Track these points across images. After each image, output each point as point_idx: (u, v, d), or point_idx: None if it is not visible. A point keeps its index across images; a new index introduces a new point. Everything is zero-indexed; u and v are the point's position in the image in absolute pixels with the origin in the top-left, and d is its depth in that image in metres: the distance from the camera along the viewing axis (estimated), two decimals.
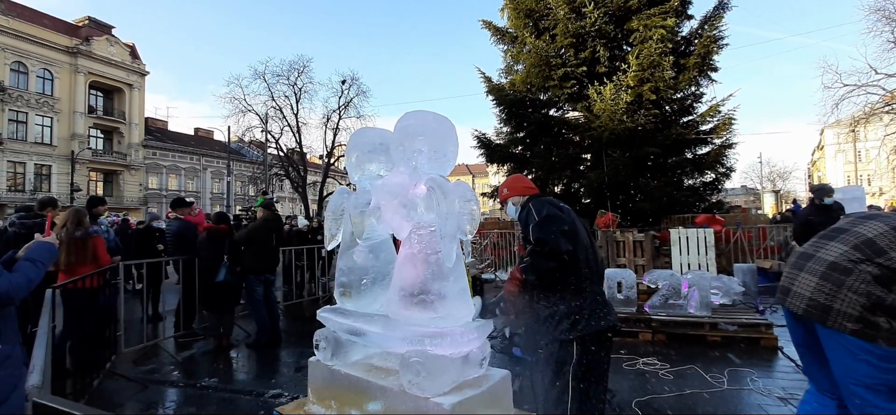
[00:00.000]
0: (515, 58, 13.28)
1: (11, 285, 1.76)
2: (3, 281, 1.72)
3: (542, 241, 2.08)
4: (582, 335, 2.10)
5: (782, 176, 48.69)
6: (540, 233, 2.12)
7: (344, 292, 2.55)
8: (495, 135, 13.85)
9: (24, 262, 1.90)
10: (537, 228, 2.13)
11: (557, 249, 2.08)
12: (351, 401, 2.30)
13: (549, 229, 2.13)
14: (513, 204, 2.56)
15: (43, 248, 2.01)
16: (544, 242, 2.08)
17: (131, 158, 34.14)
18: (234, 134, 27.07)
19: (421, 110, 2.29)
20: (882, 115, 18.73)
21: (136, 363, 4.69)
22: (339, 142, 28.89)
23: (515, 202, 2.54)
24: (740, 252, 9.55)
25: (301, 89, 27.96)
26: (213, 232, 5.50)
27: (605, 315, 2.19)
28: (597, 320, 2.14)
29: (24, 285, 1.81)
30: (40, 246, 2.01)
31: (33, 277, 1.87)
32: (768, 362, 4.39)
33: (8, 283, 1.74)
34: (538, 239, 2.10)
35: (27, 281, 1.83)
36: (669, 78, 11.04)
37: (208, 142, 41.75)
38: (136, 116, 34.80)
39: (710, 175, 12.36)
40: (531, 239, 2.12)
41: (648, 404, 3.43)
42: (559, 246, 2.08)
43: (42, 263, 1.95)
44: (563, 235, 2.11)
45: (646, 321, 5.23)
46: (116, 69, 33.34)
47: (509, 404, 2.28)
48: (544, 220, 2.16)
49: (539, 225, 2.15)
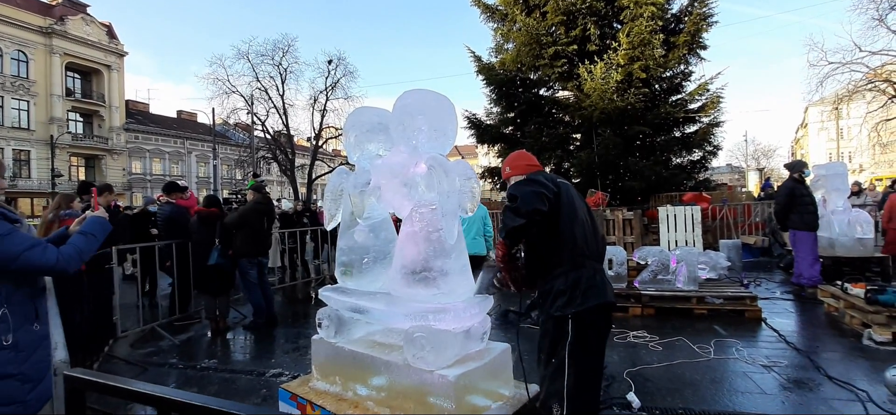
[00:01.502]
0: (506, 36, 13.18)
1: (62, 257, 1.77)
2: (51, 254, 1.74)
3: (512, 197, 2.05)
4: (578, 312, 2.07)
5: (766, 154, 49.50)
6: (513, 190, 2.10)
7: (345, 272, 2.58)
8: (485, 115, 13.82)
9: (77, 235, 1.91)
10: (512, 187, 2.12)
11: (523, 208, 2.02)
12: (355, 376, 2.35)
13: (523, 189, 2.09)
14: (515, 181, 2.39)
15: (95, 222, 2.01)
16: (514, 197, 2.05)
17: (113, 142, 33.33)
18: (218, 116, 26.54)
19: (420, 89, 2.29)
20: (865, 92, 19.08)
21: (133, 347, 4.70)
22: (326, 124, 28.57)
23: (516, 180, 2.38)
24: (726, 228, 9.79)
25: (286, 70, 27.49)
26: (205, 215, 5.46)
27: (601, 292, 2.13)
28: (593, 297, 2.10)
29: (75, 257, 1.83)
30: (93, 220, 2.01)
31: (84, 249, 1.89)
32: (752, 332, 4.56)
33: (57, 256, 1.76)
34: (509, 195, 2.08)
35: (78, 253, 1.84)
36: (659, 56, 11.09)
37: (192, 124, 40.86)
38: (115, 98, 33.84)
39: (698, 153, 12.54)
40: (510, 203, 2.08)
41: (639, 374, 3.56)
42: (528, 204, 2.03)
43: (94, 236, 1.96)
44: (537, 197, 2.06)
45: (636, 296, 5.38)
46: (93, 50, 32.25)
47: (509, 376, 2.36)
48: (522, 181, 2.13)
49: (515, 184, 2.14)
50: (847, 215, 6.73)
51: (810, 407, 2.94)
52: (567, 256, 2.14)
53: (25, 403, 1.68)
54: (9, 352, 1.65)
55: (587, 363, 2.11)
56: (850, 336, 4.29)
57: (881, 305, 4.12)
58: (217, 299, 5.34)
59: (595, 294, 2.10)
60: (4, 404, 1.63)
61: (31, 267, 1.70)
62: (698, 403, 3.07)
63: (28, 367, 1.71)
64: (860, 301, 4.33)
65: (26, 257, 1.67)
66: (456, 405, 1.97)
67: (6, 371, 1.64)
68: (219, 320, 5.34)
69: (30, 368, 1.71)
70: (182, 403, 0.71)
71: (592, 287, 2.11)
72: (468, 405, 2.04)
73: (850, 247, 6.64)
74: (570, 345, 2.06)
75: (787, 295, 6.12)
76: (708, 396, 3.19)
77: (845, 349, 3.99)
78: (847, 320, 4.61)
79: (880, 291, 4.22)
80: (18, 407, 1.66)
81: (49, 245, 1.76)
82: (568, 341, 2.06)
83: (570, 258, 2.14)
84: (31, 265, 1.69)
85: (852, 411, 2.85)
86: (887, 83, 18.24)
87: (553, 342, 2.11)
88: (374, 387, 2.27)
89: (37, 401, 1.74)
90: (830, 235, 6.62)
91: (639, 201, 11.55)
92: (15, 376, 1.66)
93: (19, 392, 1.67)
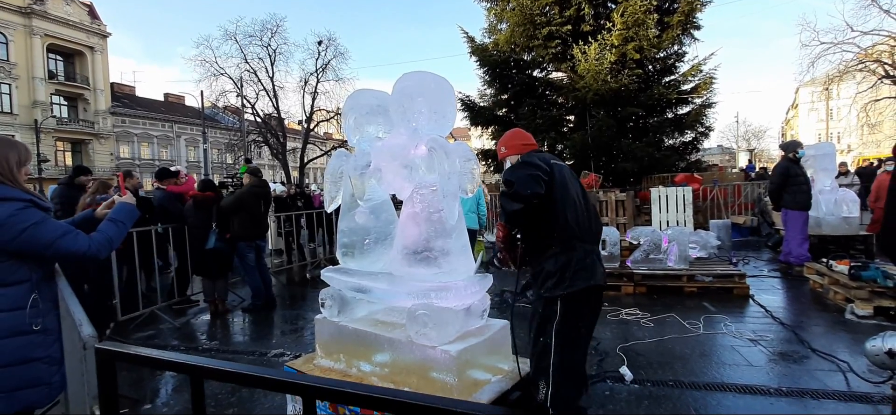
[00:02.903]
0: (499, 16, 13.07)
1: (93, 244, 1.81)
2: (82, 241, 1.77)
3: (508, 182, 2.08)
4: (567, 294, 2.08)
5: (757, 135, 49.88)
6: (508, 175, 2.12)
7: (346, 253, 2.62)
8: (479, 97, 13.78)
9: (106, 222, 1.93)
10: (508, 171, 2.15)
11: (522, 192, 2.04)
12: (359, 353, 2.42)
13: (518, 173, 2.11)
14: (510, 163, 2.42)
15: (124, 208, 2.03)
16: (510, 183, 2.08)
17: (99, 126, 32.69)
18: (207, 99, 26.13)
19: (419, 71, 2.31)
20: (855, 72, 19.25)
21: (133, 330, 4.73)
22: (318, 106, 28.26)
23: (513, 161, 2.41)
24: (716, 209, 9.95)
25: (275, 51, 27.05)
26: (200, 200, 5.45)
27: (591, 275, 2.14)
28: (583, 280, 2.10)
29: (105, 244, 1.86)
30: (122, 206, 2.03)
31: (114, 236, 1.91)
32: (740, 308, 4.70)
33: (88, 243, 1.79)
34: (506, 181, 2.11)
35: (107, 240, 1.87)
36: (653, 36, 11.09)
37: (180, 108, 40.16)
38: (100, 81, 33.07)
39: (690, 134, 12.66)
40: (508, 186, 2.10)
41: (631, 349, 3.68)
42: (525, 188, 2.04)
43: (123, 223, 1.98)
44: (533, 180, 2.07)
45: (628, 275, 5.50)
46: (75, 31, 31.36)
47: (508, 352, 2.44)
48: (518, 164, 2.16)
49: (510, 169, 2.17)
50: (834, 195, 6.89)
51: (795, 378, 3.08)
52: (558, 238, 2.15)
53: (51, 385, 1.75)
54: (39, 335, 1.70)
55: (574, 344, 2.14)
56: (833, 311, 4.45)
57: (864, 281, 4.26)
58: (215, 283, 5.37)
59: (584, 277, 2.11)
60: (33, 386, 1.68)
61: (64, 254, 1.73)
62: (688, 376, 3.20)
63: (55, 350, 1.76)
64: (844, 277, 4.48)
65: (60, 244, 1.70)
66: (458, 380, 2.04)
67: (35, 355, 1.69)
68: (217, 302, 5.38)
69: (57, 351, 1.77)
70: (217, 370, 0.75)
71: (582, 270, 2.12)
72: (469, 379, 2.12)
73: (835, 225, 6.81)
74: (557, 325, 2.09)
75: (774, 273, 6.28)
76: (697, 369, 3.32)
77: (829, 323, 4.14)
78: (831, 295, 4.77)
79: (863, 268, 4.37)
80: (45, 390, 1.72)
81: (80, 232, 1.79)
82: (555, 322, 2.09)
83: (561, 240, 2.15)
84: (64, 252, 1.72)
85: (834, 381, 2.99)
86: (877, 63, 18.40)
87: (542, 322, 2.14)
88: (378, 363, 2.34)
89: (61, 383, 1.80)
90: (817, 214, 6.77)
91: (631, 183, 11.69)
92: (43, 359, 1.71)
93: (47, 374, 1.73)
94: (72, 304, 1.46)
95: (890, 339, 2.31)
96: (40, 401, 1.73)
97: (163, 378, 3.59)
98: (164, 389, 3.44)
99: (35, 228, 1.66)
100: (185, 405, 3.12)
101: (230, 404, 3.05)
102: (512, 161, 2.43)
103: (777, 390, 2.89)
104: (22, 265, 1.69)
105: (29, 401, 1.69)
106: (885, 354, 2.27)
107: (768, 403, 2.77)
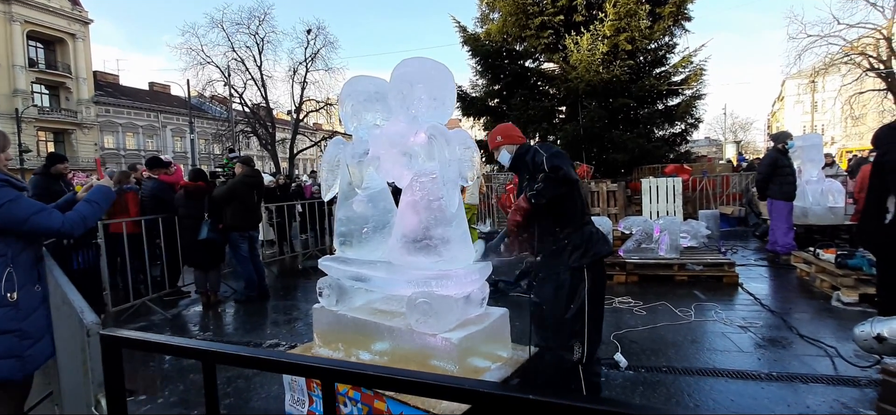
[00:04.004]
0: (491, 5, 12.98)
1: (66, 222, 1.91)
2: (56, 218, 1.87)
3: (557, 168, 2.28)
4: (591, 262, 2.35)
5: (744, 127, 50.52)
6: (556, 161, 2.31)
7: (344, 242, 2.61)
8: (471, 87, 13.71)
9: (82, 202, 2.04)
10: (553, 157, 2.33)
11: (570, 175, 2.31)
12: (358, 342, 2.41)
13: (563, 159, 2.35)
14: (507, 151, 2.57)
15: (101, 190, 2.13)
16: (559, 168, 2.28)
17: (82, 116, 31.92)
18: (193, 88, 25.67)
19: (418, 57, 2.29)
20: (840, 65, 19.55)
21: (124, 322, 4.67)
22: (307, 96, 27.93)
23: (510, 150, 2.57)
24: (705, 199, 10.09)
25: (263, 39, 26.60)
26: (191, 190, 5.37)
27: (605, 243, 2.47)
28: (599, 247, 2.40)
29: (79, 223, 1.96)
30: (98, 188, 2.13)
31: (88, 215, 2.01)
32: (730, 296, 4.79)
33: (62, 220, 1.89)
34: (554, 166, 2.29)
35: (81, 219, 1.97)
36: (645, 28, 11.11)
37: (166, 97, 39.36)
38: (82, 69, 32.22)
39: (680, 126, 12.75)
40: (545, 168, 2.30)
41: (625, 336, 3.73)
42: (571, 174, 2.32)
43: (97, 203, 2.07)
44: (571, 167, 2.35)
45: (621, 264, 5.56)
46: (55, 17, 30.46)
47: (508, 339, 2.46)
48: (557, 153, 2.37)
49: (554, 155, 2.35)
50: (820, 185, 7.01)
51: (784, 363, 3.15)
52: (578, 216, 2.42)
53: (23, 358, 1.83)
54: (10, 309, 1.79)
55: (600, 303, 2.46)
56: (820, 298, 4.55)
57: (850, 269, 4.37)
58: (207, 274, 5.31)
59: (601, 245, 2.43)
60: (4, 357, 1.78)
61: (38, 229, 1.83)
62: (681, 362, 3.25)
63: (27, 324, 1.85)
64: (830, 266, 4.58)
65: (34, 221, 1.80)
66: (458, 367, 2.05)
67: (7, 327, 1.78)
68: (210, 294, 5.32)
69: (29, 325, 1.85)
70: (231, 355, 0.74)
71: (599, 240, 2.43)
72: (470, 367, 2.13)
73: (822, 215, 6.94)
74: (588, 290, 2.33)
75: (761, 261, 6.40)
76: (689, 355, 3.38)
77: (815, 310, 4.24)
78: (818, 283, 4.87)
79: (849, 256, 4.47)
80: (17, 362, 1.82)
81: (54, 210, 1.88)
82: (586, 287, 2.34)
83: (579, 218, 2.42)
84: (38, 228, 1.82)
85: (822, 365, 3.07)
86: (863, 56, 18.70)
87: (571, 291, 2.34)
88: (377, 352, 2.34)
89: (34, 358, 1.89)
90: (804, 204, 6.90)
91: (622, 173, 11.77)
92: (14, 332, 1.81)
93: (18, 347, 1.82)
94: (70, 292, 1.43)
95: (878, 324, 2.38)
96: (11, 373, 1.81)
97: (155, 368, 3.55)
98: (157, 379, 3.41)
99: (10, 204, 1.75)
100: (180, 395, 3.10)
101: (226, 395, 3.03)
102: (509, 150, 2.57)
103: (768, 375, 2.96)
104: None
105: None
106: (874, 338, 2.33)
107: (759, 388, 2.84)
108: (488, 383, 0.64)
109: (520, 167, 2.52)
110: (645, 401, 2.76)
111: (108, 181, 2.19)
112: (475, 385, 0.61)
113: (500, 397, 0.58)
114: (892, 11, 17.67)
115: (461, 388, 0.60)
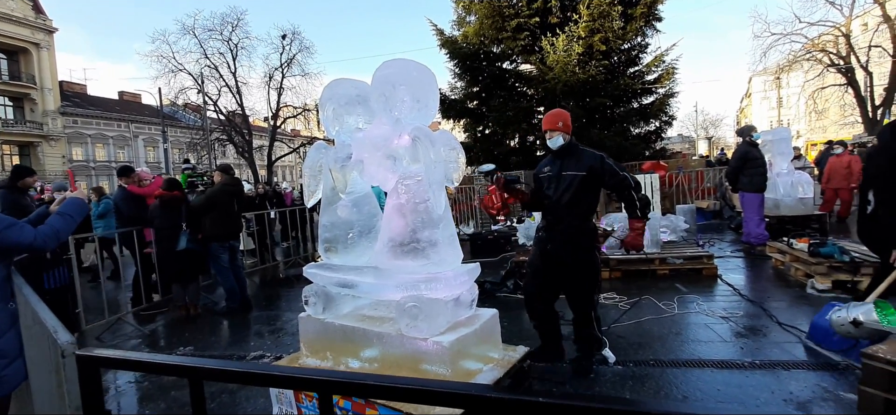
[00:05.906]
0: (467, 8, 13.06)
1: (39, 236, 1.83)
2: (28, 232, 1.80)
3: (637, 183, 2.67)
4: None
5: (714, 123, 52.05)
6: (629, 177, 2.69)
7: (329, 248, 2.56)
8: (450, 90, 13.75)
9: (54, 215, 1.95)
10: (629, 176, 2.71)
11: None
12: (346, 350, 2.36)
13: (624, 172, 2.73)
14: (562, 137, 2.88)
15: (73, 203, 2.07)
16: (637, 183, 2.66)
17: (49, 128, 30.68)
18: (165, 96, 24.93)
19: (400, 59, 2.27)
20: (803, 62, 20.35)
21: (100, 339, 4.47)
22: (284, 102, 27.49)
23: (565, 138, 2.89)
24: (681, 194, 10.33)
25: (237, 45, 26.08)
26: (167, 199, 5.19)
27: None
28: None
29: (52, 236, 1.88)
30: (71, 201, 2.07)
31: (61, 229, 1.93)
32: (710, 288, 4.90)
33: (34, 234, 1.81)
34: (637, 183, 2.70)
35: (54, 232, 1.89)
36: (618, 28, 11.35)
37: (137, 106, 38.19)
38: (48, 79, 30.99)
39: (654, 124, 13.06)
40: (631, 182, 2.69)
41: (611, 332, 3.77)
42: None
43: (71, 216, 2.00)
44: None
45: (604, 261, 5.62)
46: (17, 26, 29.23)
47: (498, 341, 2.44)
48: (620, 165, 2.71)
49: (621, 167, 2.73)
50: (790, 177, 7.26)
51: (765, 351, 3.23)
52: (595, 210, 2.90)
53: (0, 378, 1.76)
54: None
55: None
56: (795, 286, 4.70)
57: (823, 257, 4.52)
58: (187, 286, 5.15)
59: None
60: None
61: (9, 244, 1.77)
62: (667, 354, 3.30)
63: (2, 343, 1.77)
64: (804, 254, 4.73)
65: (5, 235, 1.73)
66: (451, 370, 2.03)
67: None
68: (190, 306, 5.15)
69: (5, 344, 1.77)
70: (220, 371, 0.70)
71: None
72: (462, 370, 2.11)
73: (792, 206, 7.19)
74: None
75: (737, 253, 6.58)
76: (674, 347, 3.44)
77: (791, 298, 4.37)
78: (792, 272, 5.03)
79: (821, 245, 4.63)
80: None
81: (26, 224, 1.81)
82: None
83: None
84: (9, 243, 1.75)
85: (801, 351, 3.16)
86: (823, 53, 19.51)
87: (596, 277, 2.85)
88: (367, 359, 2.30)
89: (9, 379, 1.80)
90: (775, 196, 7.13)
91: None
92: None
93: None
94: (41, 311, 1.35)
95: (854, 309, 2.46)
96: None
97: (129, 388, 3.41)
98: (132, 399, 3.27)
99: None
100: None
101: (209, 411, 2.93)
102: (564, 138, 2.89)
103: (751, 364, 3.03)
104: None
105: None
106: (850, 323, 2.41)
107: (744, 376, 2.90)
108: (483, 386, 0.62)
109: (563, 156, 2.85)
110: (635, 395, 2.79)
111: (81, 193, 2.11)
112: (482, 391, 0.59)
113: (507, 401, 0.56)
114: (849, 9, 18.50)
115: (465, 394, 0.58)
